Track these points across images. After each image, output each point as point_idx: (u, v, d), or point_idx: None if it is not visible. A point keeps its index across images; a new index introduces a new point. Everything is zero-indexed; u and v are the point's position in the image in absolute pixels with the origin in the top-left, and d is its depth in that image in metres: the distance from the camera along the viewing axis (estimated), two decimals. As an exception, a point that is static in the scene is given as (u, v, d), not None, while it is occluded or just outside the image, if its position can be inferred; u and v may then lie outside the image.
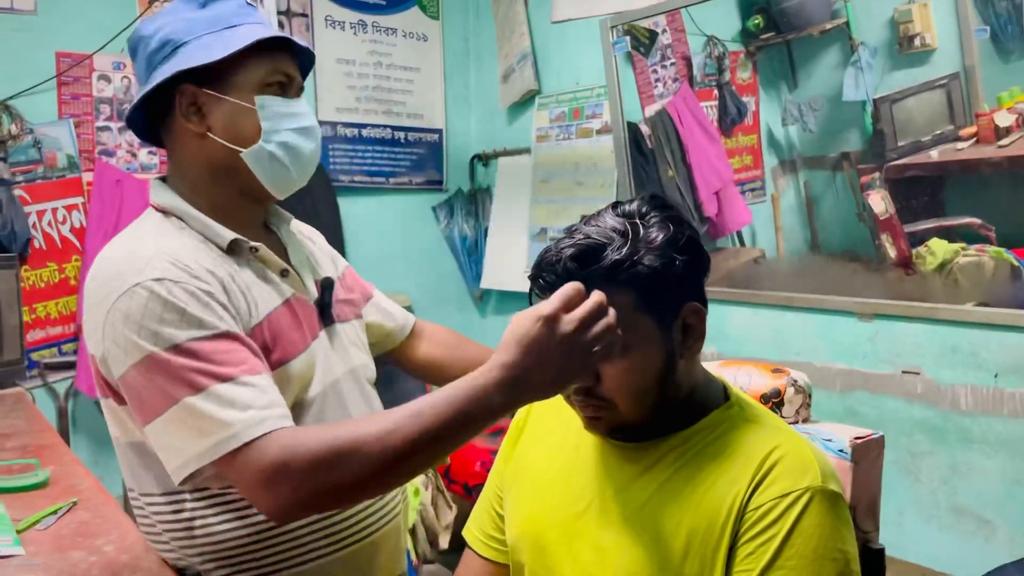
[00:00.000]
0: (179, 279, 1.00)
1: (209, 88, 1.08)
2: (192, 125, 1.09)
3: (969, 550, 2.24)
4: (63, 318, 3.06)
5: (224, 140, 1.09)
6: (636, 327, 0.92)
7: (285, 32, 1.08)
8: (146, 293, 0.97)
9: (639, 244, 0.93)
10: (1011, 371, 2.16)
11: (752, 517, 0.91)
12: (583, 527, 1.01)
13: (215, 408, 0.93)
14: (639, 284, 0.92)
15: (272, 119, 1.10)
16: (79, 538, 1.27)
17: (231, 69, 1.08)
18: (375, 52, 3.76)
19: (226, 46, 1.07)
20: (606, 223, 0.95)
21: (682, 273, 0.95)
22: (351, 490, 0.95)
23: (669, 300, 0.95)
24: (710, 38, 2.86)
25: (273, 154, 1.10)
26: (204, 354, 0.96)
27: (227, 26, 1.09)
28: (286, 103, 1.12)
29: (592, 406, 0.97)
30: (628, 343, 0.92)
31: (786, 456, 0.93)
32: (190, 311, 0.98)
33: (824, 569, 0.89)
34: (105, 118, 3.14)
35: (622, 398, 0.95)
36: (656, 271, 0.92)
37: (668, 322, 0.95)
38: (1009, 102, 2.13)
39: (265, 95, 1.10)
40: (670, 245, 0.94)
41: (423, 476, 2.14)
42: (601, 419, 0.98)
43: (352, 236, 3.69)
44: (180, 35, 1.08)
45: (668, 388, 0.97)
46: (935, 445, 2.32)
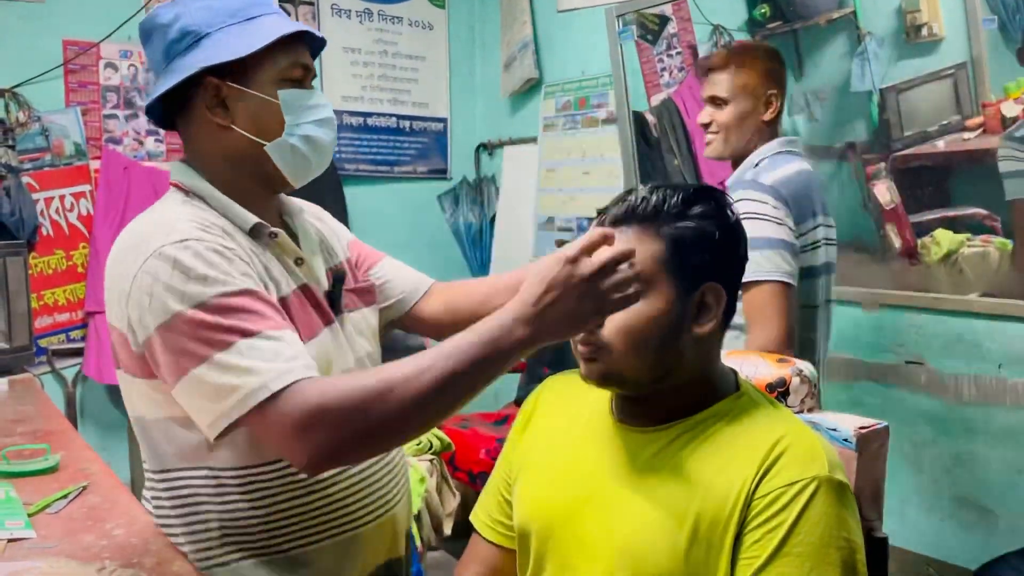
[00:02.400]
0: (203, 238, 1.01)
1: (232, 81, 1.08)
2: (217, 118, 1.10)
3: (971, 539, 2.26)
4: (71, 305, 3.08)
5: (248, 133, 1.10)
6: (654, 280, 0.96)
7: (293, 20, 1.07)
8: (172, 255, 0.98)
9: (691, 212, 0.99)
10: (1015, 361, 2.17)
11: (759, 505, 0.92)
12: (591, 512, 1.02)
13: (242, 362, 0.94)
14: (672, 242, 0.97)
15: (294, 112, 1.11)
16: (89, 522, 1.28)
17: (254, 63, 1.09)
18: (381, 40, 3.76)
19: (251, 40, 1.07)
20: (682, 187, 1.01)
21: (718, 252, 1.00)
22: (384, 433, 0.95)
23: (696, 270, 0.98)
24: (716, 27, 2.85)
25: (295, 147, 1.12)
26: (230, 311, 0.96)
27: (247, 17, 1.10)
28: (307, 95, 1.13)
29: (589, 345, 0.99)
30: (641, 292, 0.94)
31: (793, 445, 0.94)
32: (214, 270, 0.98)
33: (829, 557, 0.90)
34: (112, 106, 3.15)
35: (619, 342, 0.97)
36: (692, 237, 0.98)
37: (687, 290, 0.98)
38: (1016, 92, 2.13)
39: (286, 88, 1.11)
40: (720, 226, 1.00)
41: (428, 463, 2.15)
42: (595, 361, 1.00)
43: (357, 225, 3.69)
44: (201, 25, 1.08)
45: (669, 355, 0.99)
46: (938, 435, 2.33)
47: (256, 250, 1.10)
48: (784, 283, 1.60)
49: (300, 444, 0.92)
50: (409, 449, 2.19)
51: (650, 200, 0.99)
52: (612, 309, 0.92)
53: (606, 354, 0.98)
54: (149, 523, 1.25)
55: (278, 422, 0.93)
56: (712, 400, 1.02)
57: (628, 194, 1.02)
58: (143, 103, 3.20)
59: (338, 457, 0.97)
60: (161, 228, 1.02)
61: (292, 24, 1.11)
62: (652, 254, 0.97)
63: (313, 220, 1.30)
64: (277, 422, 0.93)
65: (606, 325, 0.96)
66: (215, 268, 0.98)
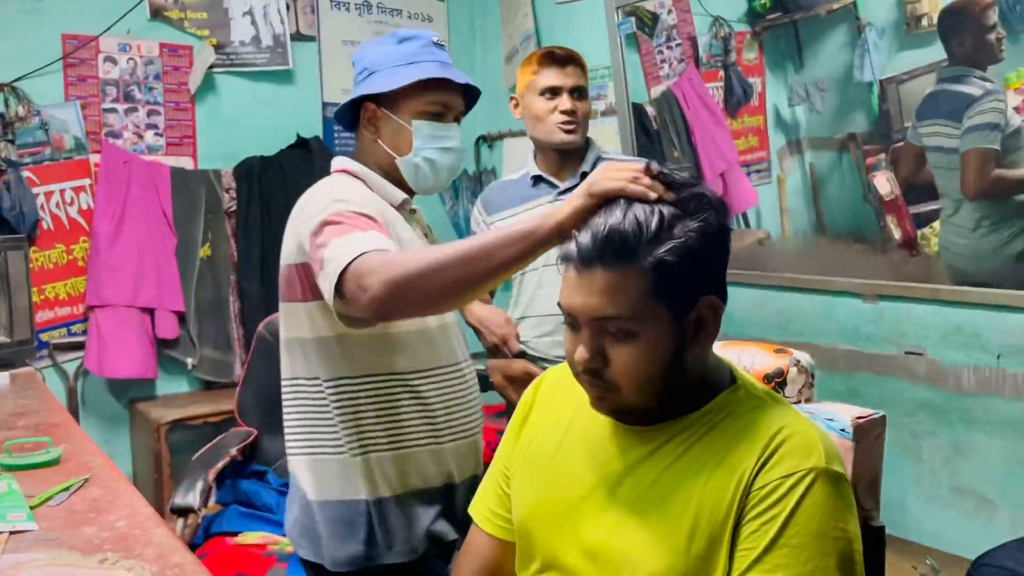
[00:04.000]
0: (356, 200, 1.36)
1: (384, 107, 1.46)
2: (368, 133, 1.48)
3: (970, 529, 2.26)
4: (72, 299, 3.09)
5: (387, 148, 1.47)
6: (649, 313, 0.93)
7: (449, 68, 1.47)
8: (331, 203, 1.33)
9: (664, 232, 0.92)
10: (1014, 352, 2.17)
11: (757, 496, 0.92)
12: (590, 507, 1.03)
13: (346, 244, 1.24)
14: (656, 272, 0.92)
15: (421, 139, 1.45)
16: (91, 514, 1.29)
17: (402, 96, 1.44)
18: (380, 33, 3.74)
19: (400, 80, 1.42)
20: (638, 207, 0.93)
21: (704, 266, 0.95)
22: (422, 285, 1.18)
23: (686, 291, 0.94)
24: (716, 19, 2.85)
25: (418, 165, 1.46)
26: (352, 217, 1.30)
27: (409, 62, 1.44)
28: (435, 128, 1.46)
29: (598, 387, 0.98)
30: (638, 329, 0.93)
31: (791, 437, 0.94)
32: (358, 208, 1.33)
33: (826, 548, 0.90)
34: (111, 100, 3.15)
35: (627, 383, 0.96)
36: (677, 262, 0.92)
37: (682, 313, 0.95)
38: (1016, 83, 2.12)
39: (422, 119, 1.45)
40: (699, 236, 0.93)
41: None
42: (606, 400, 0.99)
43: (358, 217, 3.70)
44: (375, 64, 1.46)
45: (675, 377, 0.98)
46: (937, 425, 2.33)
47: (396, 219, 1.44)
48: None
49: (362, 294, 1.19)
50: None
51: (624, 232, 0.92)
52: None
53: (615, 393, 0.97)
54: (151, 515, 1.26)
55: (352, 280, 1.20)
56: (709, 395, 1.02)
57: (599, 228, 0.94)
58: (142, 97, 3.20)
59: (396, 301, 1.20)
60: (328, 190, 1.40)
61: (438, 71, 1.43)
62: (639, 291, 0.92)
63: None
64: (352, 280, 1.20)
65: (612, 365, 0.95)
66: (358, 207, 1.34)
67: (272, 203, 3.40)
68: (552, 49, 2.11)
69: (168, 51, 3.24)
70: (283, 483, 2.22)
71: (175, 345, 3.22)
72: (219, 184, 3.33)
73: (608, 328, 0.94)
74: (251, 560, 1.90)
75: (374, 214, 1.35)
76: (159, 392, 3.27)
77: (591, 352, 0.95)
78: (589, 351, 0.95)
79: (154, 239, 3.17)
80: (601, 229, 0.93)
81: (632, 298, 0.92)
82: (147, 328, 3.13)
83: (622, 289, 0.92)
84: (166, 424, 2.95)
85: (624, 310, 0.92)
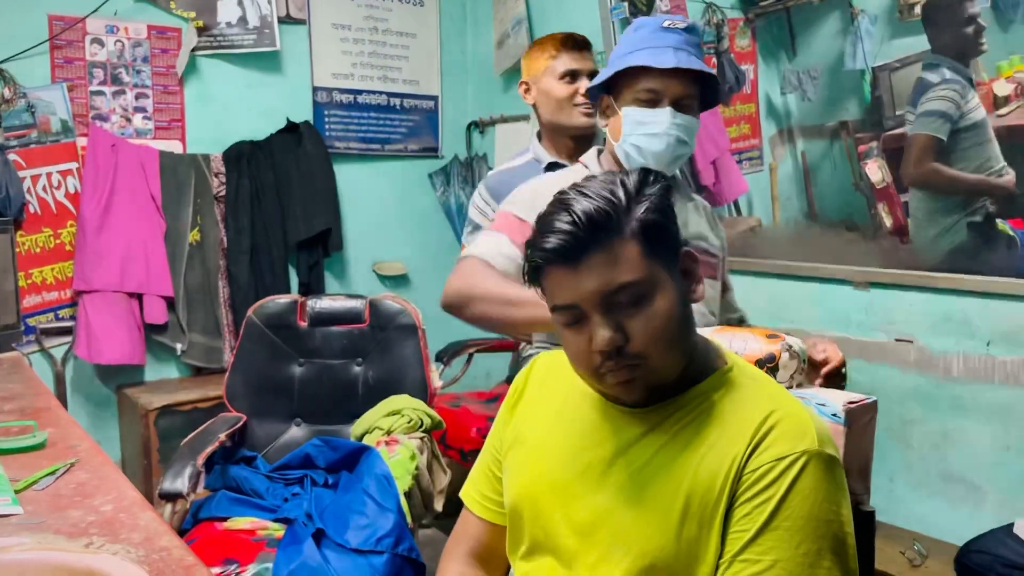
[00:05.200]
0: (525, 200, 1.62)
1: (612, 96, 1.55)
2: (603, 118, 1.60)
3: (958, 515, 2.27)
4: (59, 283, 3.06)
5: (610, 133, 1.57)
6: (651, 274, 0.94)
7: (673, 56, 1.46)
8: (507, 201, 1.69)
9: (631, 198, 0.96)
10: (1003, 339, 2.18)
11: (749, 479, 0.92)
12: (581, 490, 1.02)
13: (476, 241, 1.63)
14: (644, 234, 0.95)
15: (629, 125, 1.51)
16: (77, 498, 1.28)
17: (623, 84, 1.51)
18: (371, 17, 3.72)
19: (608, 72, 1.51)
20: (594, 187, 0.97)
21: (674, 219, 1.00)
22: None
23: (669, 245, 0.98)
24: (709, 5, 2.83)
25: (627, 152, 1.53)
26: (501, 221, 1.62)
27: (633, 50, 1.47)
28: (642, 113, 1.49)
29: (626, 367, 0.95)
30: (647, 291, 0.94)
31: (784, 420, 0.94)
32: (517, 211, 1.59)
33: (819, 531, 0.90)
34: (99, 82, 3.11)
35: (654, 349, 0.94)
36: (653, 219, 0.96)
37: (673, 267, 0.98)
38: (1008, 71, 2.12)
39: (632, 107, 1.50)
40: (663, 193, 0.99)
41: (419, 441, 2.16)
42: (635, 380, 0.96)
43: (348, 203, 3.68)
44: (615, 54, 1.52)
45: (690, 335, 1.00)
46: (927, 412, 2.34)
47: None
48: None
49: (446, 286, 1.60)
50: (400, 427, 2.19)
51: (601, 209, 0.94)
52: None
53: (644, 368, 0.96)
54: (138, 499, 1.25)
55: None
56: (700, 376, 1.02)
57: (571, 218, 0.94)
58: (130, 80, 3.17)
59: (450, 304, 1.67)
60: (524, 186, 1.69)
61: (645, 59, 1.45)
62: (636, 255, 0.94)
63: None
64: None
65: (633, 336, 0.94)
66: (517, 205, 1.63)
67: (262, 188, 3.38)
68: (571, 34, 2.14)
69: (156, 33, 3.21)
70: (272, 468, 2.22)
71: (164, 331, 3.20)
72: (208, 168, 3.30)
73: (619, 300, 0.94)
74: (240, 545, 1.89)
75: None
76: (148, 378, 3.26)
77: (610, 332, 0.93)
78: (609, 331, 0.93)
79: (142, 224, 3.14)
80: (579, 216, 0.93)
81: (634, 263, 0.94)
82: (135, 313, 3.10)
83: (622, 260, 0.93)
84: (155, 410, 2.93)
85: (631, 276, 0.93)
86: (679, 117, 1.48)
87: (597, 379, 0.99)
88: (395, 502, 1.95)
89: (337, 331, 2.44)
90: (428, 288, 3.95)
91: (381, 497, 1.95)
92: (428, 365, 2.40)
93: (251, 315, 2.43)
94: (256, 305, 2.46)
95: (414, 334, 2.40)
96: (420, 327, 2.40)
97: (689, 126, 1.51)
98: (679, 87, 1.48)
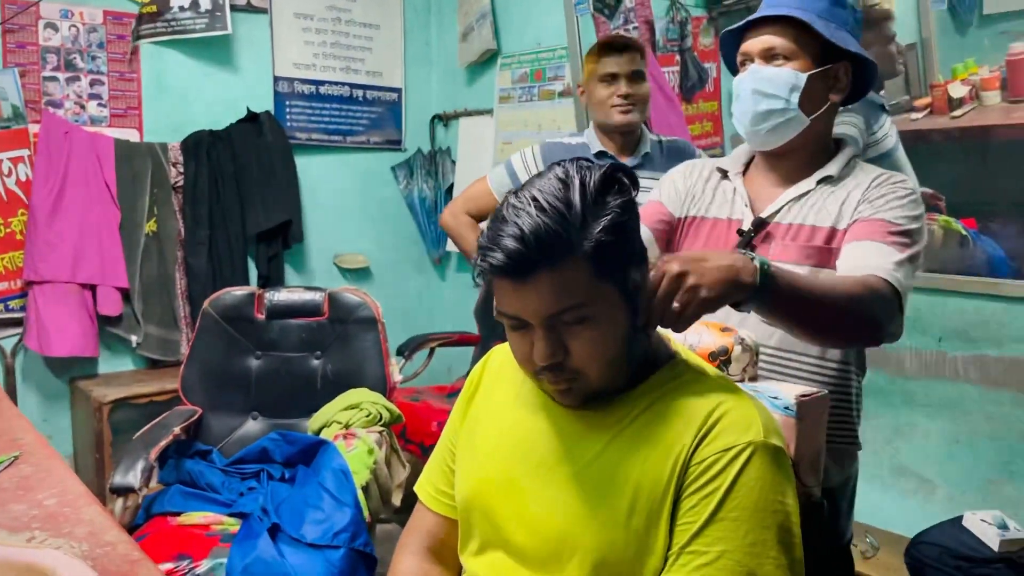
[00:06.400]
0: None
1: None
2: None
3: (909, 508, 2.32)
4: (9, 274, 2.99)
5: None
6: (599, 296, 0.92)
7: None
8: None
9: (588, 210, 0.91)
10: (954, 335, 2.22)
11: (695, 471, 0.92)
12: (531, 484, 1.02)
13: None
14: (596, 254, 0.91)
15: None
16: (20, 491, 1.25)
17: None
18: (334, 7, 3.68)
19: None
20: (549, 195, 0.91)
21: (633, 236, 0.96)
22: None
23: (625, 262, 0.95)
24: (673, 3, 2.85)
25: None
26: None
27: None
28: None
29: (564, 380, 0.96)
30: (592, 313, 0.92)
31: (729, 412, 0.95)
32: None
33: (765, 521, 0.91)
34: (52, 68, 3.04)
35: (593, 368, 0.95)
36: (608, 240, 0.91)
37: (624, 284, 0.95)
38: (963, 73, 2.16)
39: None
40: (623, 208, 0.94)
41: (377, 435, 2.14)
42: (572, 390, 0.97)
43: (309, 195, 3.64)
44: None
45: (634, 349, 0.98)
46: (880, 407, 2.38)
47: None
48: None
49: None
50: (358, 421, 2.18)
51: (553, 229, 0.89)
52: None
53: (581, 381, 0.96)
54: (83, 493, 1.23)
55: None
56: (649, 371, 1.02)
57: (519, 234, 0.89)
58: (85, 66, 3.10)
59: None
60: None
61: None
62: (585, 277, 0.90)
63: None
64: None
65: (573, 354, 0.93)
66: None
67: (221, 178, 3.33)
68: (611, 39, 2.25)
69: (112, 19, 3.14)
70: (228, 463, 2.19)
71: (119, 322, 3.14)
72: (166, 158, 3.24)
73: (563, 319, 0.92)
74: (193, 540, 1.86)
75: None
76: (102, 370, 3.19)
77: (551, 349, 0.93)
78: (549, 348, 0.93)
79: (96, 213, 3.07)
80: (527, 234, 0.88)
81: (581, 285, 0.90)
82: (88, 305, 3.04)
83: (569, 281, 0.90)
84: (108, 403, 2.88)
85: (576, 299, 0.91)
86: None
87: (536, 381, 1.00)
88: (352, 497, 1.93)
89: (295, 324, 2.41)
90: (390, 281, 3.93)
91: (338, 492, 1.94)
92: (388, 359, 2.38)
93: (207, 307, 2.39)
94: (212, 297, 2.42)
95: (374, 327, 2.38)
96: (380, 320, 2.39)
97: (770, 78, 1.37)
98: (766, 41, 1.39)
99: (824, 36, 1.33)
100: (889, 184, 1.36)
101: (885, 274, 1.24)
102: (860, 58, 1.38)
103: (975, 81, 2.13)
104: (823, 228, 1.37)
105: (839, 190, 1.39)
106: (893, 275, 1.24)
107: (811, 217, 1.39)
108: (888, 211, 1.33)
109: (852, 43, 1.37)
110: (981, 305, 2.16)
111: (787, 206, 1.41)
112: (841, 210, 1.37)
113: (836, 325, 1.20)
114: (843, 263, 1.31)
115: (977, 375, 2.18)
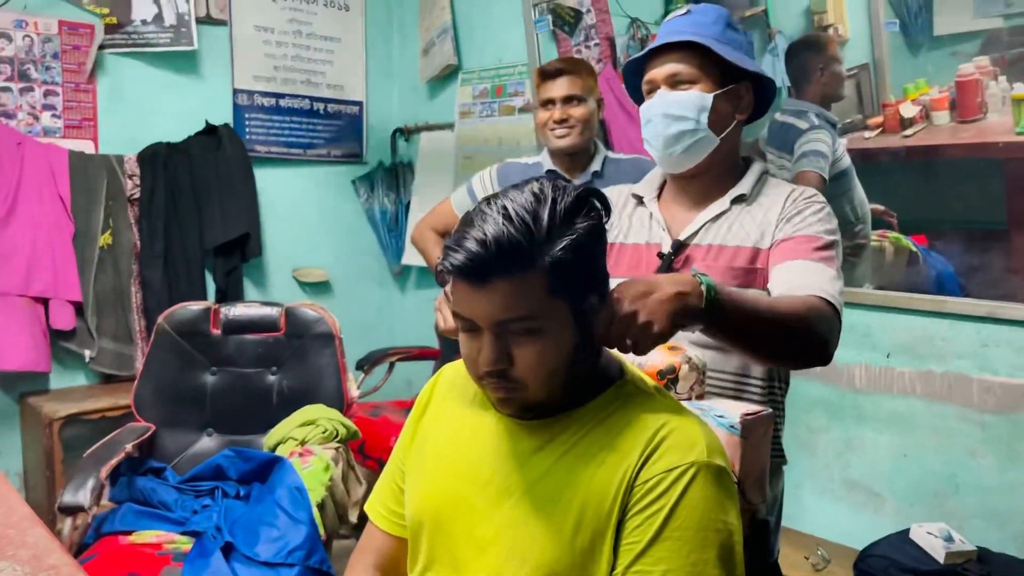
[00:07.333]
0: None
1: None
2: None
3: (859, 521, 2.36)
4: (-43, 287, 2.92)
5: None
6: (550, 311, 0.93)
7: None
8: None
9: (554, 227, 0.93)
10: (902, 351, 2.27)
11: (640, 491, 0.94)
12: (480, 504, 1.03)
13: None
14: (553, 272, 0.92)
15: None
16: (-38, 514, 1.22)
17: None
18: (295, 20, 3.67)
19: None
20: (520, 206, 0.93)
21: (595, 258, 0.98)
22: None
23: (579, 283, 0.96)
24: (634, 20, 2.89)
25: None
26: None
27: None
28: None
29: (504, 388, 0.97)
30: (541, 326, 0.93)
31: (674, 431, 0.96)
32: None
33: (708, 540, 0.92)
34: (5, 78, 2.99)
35: (534, 380, 0.96)
36: (567, 259, 0.92)
37: (579, 304, 0.96)
38: (914, 93, 2.21)
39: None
40: (588, 231, 0.95)
41: (333, 452, 2.13)
42: (513, 399, 0.99)
43: (268, 208, 3.61)
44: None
45: (580, 370, 0.99)
46: (831, 421, 2.42)
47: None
48: None
49: None
50: (314, 437, 2.16)
51: (515, 240, 0.90)
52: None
53: (521, 390, 0.97)
54: (27, 514, 1.21)
55: None
56: (597, 390, 1.03)
57: (483, 238, 0.91)
58: (39, 76, 3.05)
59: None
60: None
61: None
62: (540, 291, 0.92)
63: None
64: None
65: (517, 364, 0.95)
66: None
67: (178, 191, 3.29)
68: (544, 66, 2.31)
69: (68, 29, 3.10)
70: (182, 480, 2.16)
71: (72, 337, 3.08)
72: (122, 170, 3.20)
73: (511, 328, 0.94)
74: (143, 560, 1.83)
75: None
76: (54, 386, 3.13)
77: (496, 355, 0.94)
78: (494, 354, 0.94)
79: (49, 225, 3.02)
80: (490, 240, 0.90)
81: (534, 299, 0.92)
82: (40, 318, 2.98)
83: (523, 293, 0.92)
84: (59, 419, 2.82)
85: (527, 311, 0.92)
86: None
87: (479, 385, 1.02)
88: (307, 514, 1.92)
89: (251, 339, 2.40)
90: (350, 295, 3.91)
91: (293, 509, 1.92)
92: (345, 374, 2.37)
93: (161, 322, 2.37)
94: (167, 312, 2.40)
95: (331, 343, 2.37)
96: (337, 335, 2.38)
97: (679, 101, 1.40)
98: (677, 66, 1.42)
99: (725, 58, 1.37)
100: (804, 200, 1.40)
101: (824, 294, 1.27)
102: (759, 77, 1.43)
103: (925, 101, 2.19)
104: (745, 248, 1.40)
105: (755, 208, 1.42)
106: (830, 293, 1.28)
107: (730, 238, 1.41)
108: (809, 227, 1.36)
109: (750, 63, 1.42)
110: (927, 322, 2.22)
111: (704, 227, 1.44)
112: (761, 230, 1.40)
113: (784, 345, 1.22)
114: (777, 285, 1.33)
115: (923, 390, 2.23)
